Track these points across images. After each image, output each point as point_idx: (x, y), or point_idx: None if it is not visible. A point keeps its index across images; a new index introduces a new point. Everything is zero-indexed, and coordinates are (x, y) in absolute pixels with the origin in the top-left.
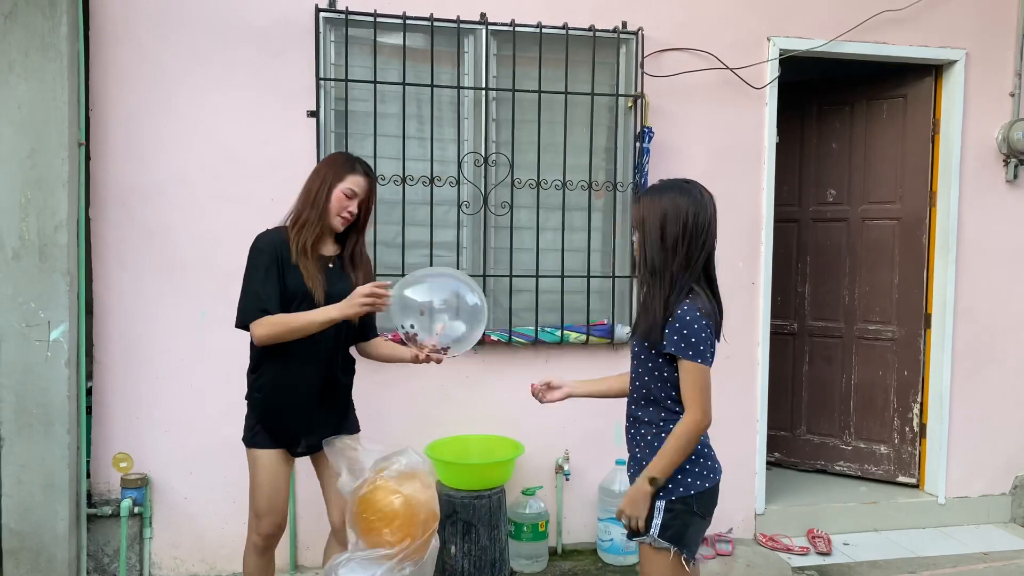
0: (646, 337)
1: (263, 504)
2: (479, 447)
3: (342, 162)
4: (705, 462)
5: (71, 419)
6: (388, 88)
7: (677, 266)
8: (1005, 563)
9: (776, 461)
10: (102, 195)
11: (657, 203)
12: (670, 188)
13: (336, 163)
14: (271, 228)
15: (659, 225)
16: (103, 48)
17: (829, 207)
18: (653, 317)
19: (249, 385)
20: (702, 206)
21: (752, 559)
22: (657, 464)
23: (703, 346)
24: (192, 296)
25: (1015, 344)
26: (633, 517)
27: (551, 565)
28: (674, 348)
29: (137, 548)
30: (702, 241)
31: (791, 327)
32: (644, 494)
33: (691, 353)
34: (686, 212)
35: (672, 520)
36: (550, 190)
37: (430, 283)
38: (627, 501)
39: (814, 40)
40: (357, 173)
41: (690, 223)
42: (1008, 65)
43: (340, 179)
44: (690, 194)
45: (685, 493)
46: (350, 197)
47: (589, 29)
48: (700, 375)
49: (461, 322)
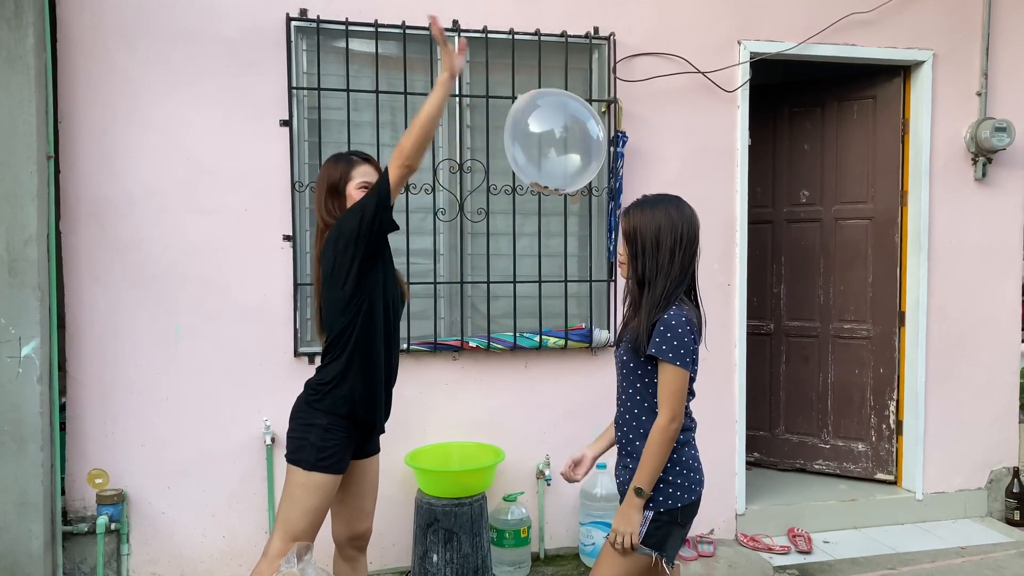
0: (635, 346)
1: (309, 529)
2: (460, 454)
3: (342, 160)
4: (692, 475)
5: (44, 436)
6: (361, 96)
7: (671, 277)
8: (983, 557)
9: (756, 461)
10: (73, 208)
11: (651, 216)
12: (663, 201)
13: (338, 164)
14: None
15: (654, 237)
16: (71, 60)
17: (802, 208)
18: (641, 326)
19: (325, 392)
20: (693, 219)
21: (734, 559)
22: (641, 475)
23: (684, 350)
24: (166, 309)
25: (987, 340)
26: (625, 533)
27: (534, 571)
28: (655, 349)
29: (115, 565)
30: (692, 252)
31: (767, 327)
32: (635, 507)
33: (671, 355)
34: (680, 225)
35: (656, 530)
36: (525, 196)
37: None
38: (619, 519)
39: (784, 43)
40: (359, 164)
41: (684, 235)
42: (974, 65)
43: (349, 178)
44: (681, 208)
45: (672, 506)
46: (366, 188)
47: (561, 35)
48: (676, 378)
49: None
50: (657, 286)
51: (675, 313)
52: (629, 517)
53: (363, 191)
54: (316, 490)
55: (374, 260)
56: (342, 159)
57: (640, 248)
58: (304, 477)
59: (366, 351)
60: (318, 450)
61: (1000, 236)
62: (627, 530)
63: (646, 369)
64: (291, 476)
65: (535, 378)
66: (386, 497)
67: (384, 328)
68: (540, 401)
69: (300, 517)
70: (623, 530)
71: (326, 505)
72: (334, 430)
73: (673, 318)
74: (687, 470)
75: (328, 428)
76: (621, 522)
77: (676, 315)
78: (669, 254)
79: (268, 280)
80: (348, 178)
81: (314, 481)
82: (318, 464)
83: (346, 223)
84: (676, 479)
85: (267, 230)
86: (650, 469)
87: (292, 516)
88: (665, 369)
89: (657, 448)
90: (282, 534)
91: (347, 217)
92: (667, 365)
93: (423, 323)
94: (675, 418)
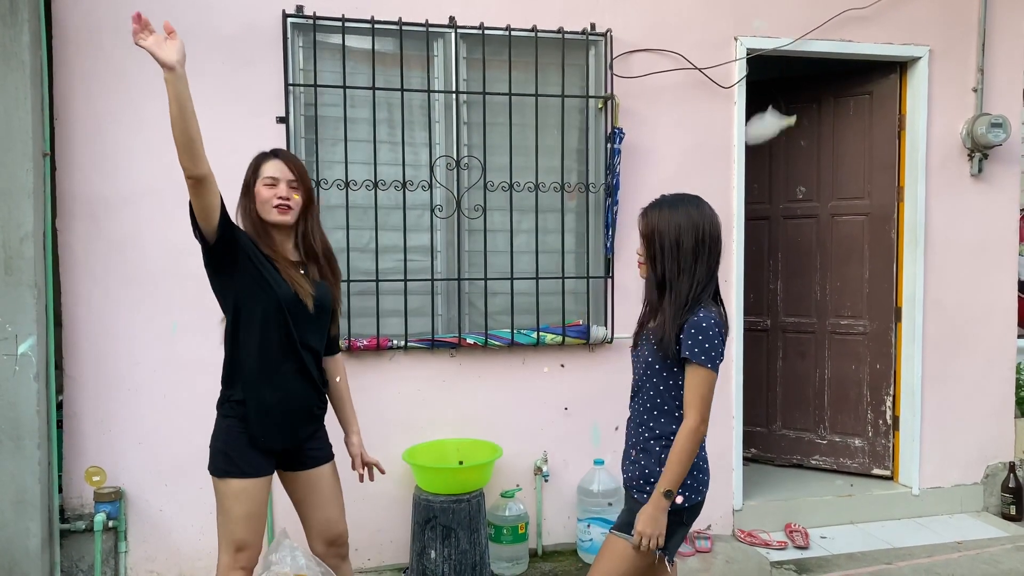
0: (662, 348)
1: (249, 536)
2: (457, 451)
3: (259, 156)
4: (701, 476)
5: (41, 434)
6: (358, 93)
7: (696, 278)
8: (979, 551)
9: (753, 457)
10: (69, 206)
11: (670, 216)
12: (683, 202)
13: (254, 160)
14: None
15: (674, 238)
16: (67, 57)
17: (799, 204)
18: (667, 328)
19: (222, 400)
20: (715, 220)
21: (731, 555)
22: (667, 477)
23: (715, 352)
24: (163, 307)
25: (983, 335)
26: (653, 536)
27: (531, 567)
28: (688, 352)
29: (112, 563)
30: (717, 253)
31: (764, 324)
32: (662, 509)
33: (703, 358)
34: (702, 225)
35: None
36: (523, 192)
37: None
38: (646, 520)
39: (780, 39)
40: (268, 159)
41: (707, 236)
42: (970, 61)
43: (256, 175)
44: (702, 208)
45: (681, 506)
46: (273, 185)
47: (558, 31)
48: (705, 380)
49: None
50: (682, 288)
51: (705, 315)
52: (656, 520)
53: (269, 188)
54: (236, 497)
55: (229, 270)
56: (260, 154)
57: (659, 248)
58: (221, 485)
59: (247, 360)
60: (224, 456)
61: (996, 231)
62: (655, 532)
63: (672, 371)
64: (214, 487)
65: (532, 374)
66: (384, 494)
67: (277, 335)
68: (537, 397)
69: (235, 527)
70: (650, 532)
71: (257, 509)
72: (234, 433)
73: (704, 320)
74: (696, 471)
75: (229, 431)
76: (648, 524)
77: (706, 317)
78: (692, 255)
79: None
80: (257, 174)
81: (231, 489)
82: (229, 471)
83: None
84: (687, 479)
85: None
86: (677, 472)
87: (227, 528)
88: (695, 371)
89: (686, 451)
90: (224, 546)
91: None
92: (698, 368)
93: (421, 320)
94: (704, 420)
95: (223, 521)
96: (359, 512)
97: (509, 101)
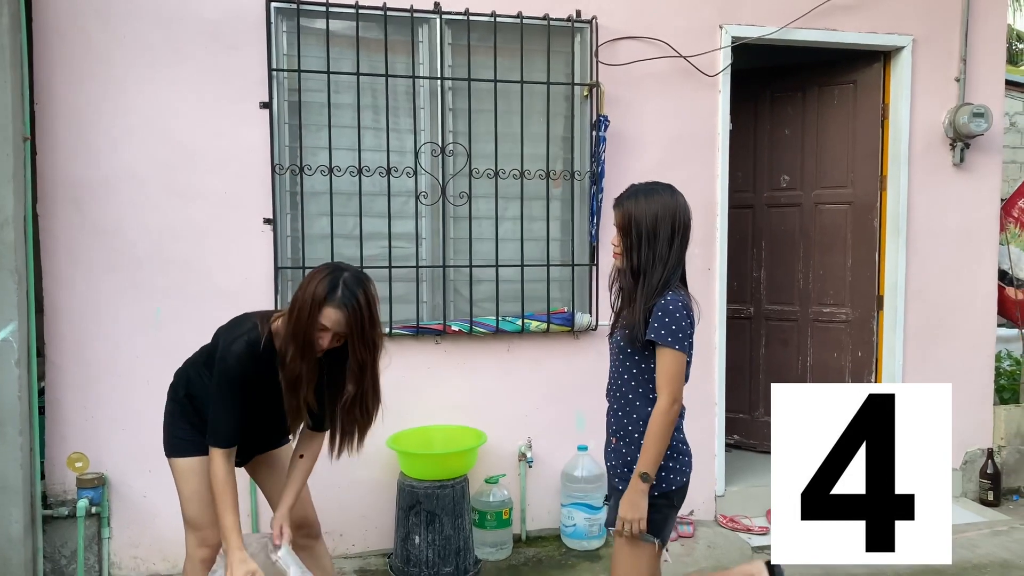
0: (632, 333)
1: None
2: (442, 437)
3: (324, 283)
4: (683, 457)
5: (23, 419)
6: (342, 78)
7: (668, 264)
8: (956, 536)
9: (735, 443)
10: (50, 191)
11: (646, 205)
12: (657, 191)
13: (319, 282)
14: (250, 318)
15: (651, 227)
16: (47, 41)
17: (783, 193)
18: (636, 314)
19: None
20: (687, 207)
21: (713, 540)
22: (643, 459)
23: (682, 334)
24: (146, 293)
25: (963, 323)
26: (634, 520)
27: (515, 552)
28: (653, 334)
29: (95, 549)
30: (686, 240)
31: (747, 311)
32: (641, 493)
33: (670, 340)
34: (676, 213)
35: (654, 515)
36: (508, 179)
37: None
38: (626, 506)
39: (766, 27)
40: (331, 304)
41: (679, 223)
42: (954, 51)
43: (319, 310)
44: (676, 196)
45: (667, 489)
46: (321, 331)
47: (543, 18)
48: (674, 361)
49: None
50: (654, 275)
51: (672, 298)
52: (636, 504)
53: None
54: (184, 475)
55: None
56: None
57: (636, 238)
58: (172, 465)
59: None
60: (171, 436)
61: (977, 221)
62: (636, 516)
63: (643, 355)
64: (170, 469)
65: (517, 362)
66: (368, 480)
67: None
68: (522, 385)
69: (187, 505)
70: (632, 517)
71: (207, 486)
72: (178, 414)
73: (671, 303)
74: (678, 453)
75: (173, 413)
76: (629, 509)
77: (673, 300)
78: (667, 243)
79: (249, 264)
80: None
81: (178, 467)
82: (173, 450)
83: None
84: (668, 462)
85: (247, 213)
86: (654, 453)
87: (186, 509)
88: (664, 353)
89: (660, 432)
90: (188, 528)
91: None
92: (665, 349)
93: (405, 307)
94: (675, 401)
95: (181, 502)
96: (343, 498)
97: (494, 88)
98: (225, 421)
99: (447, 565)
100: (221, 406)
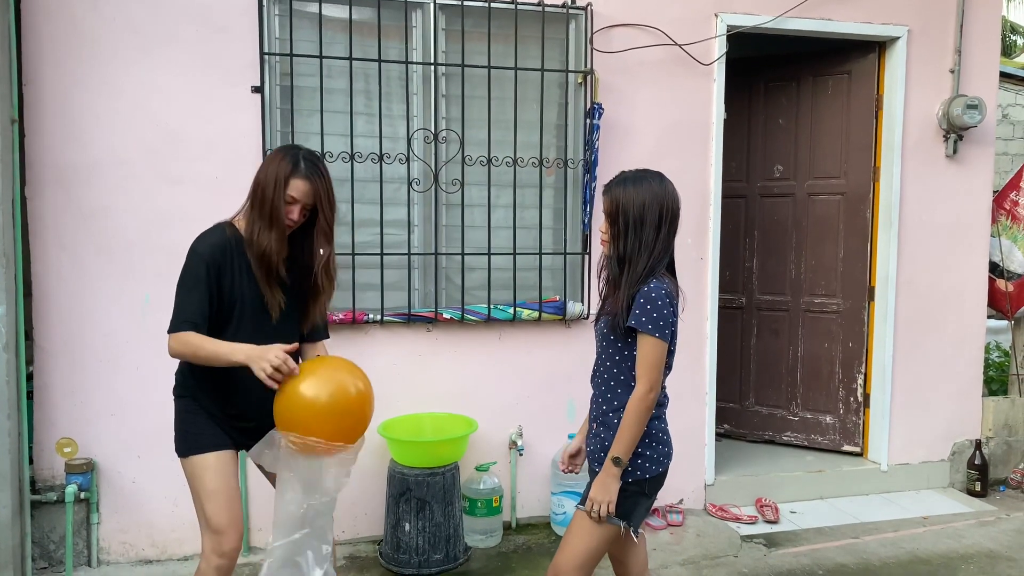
0: (614, 320)
1: (221, 512)
2: (433, 425)
3: (286, 161)
4: (660, 447)
5: (11, 404)
6: (335, 63)
7: (655, 252)
8: (944, 526)
9: (725, 432)
10: (38, 174)
11: (634, 193)
12: (645, 178)
13: (280, 161)
14: (219, 223)
15: (639, 214)
16: (35, 23)
17: (776, 183)
18: (620, 301)
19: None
20: (675, 195)
21: (702, 529)
22: (618, 445)
23: (663, 322)
24: (136, 277)
25: (953, 315)
26: (603, 502)
27: (505, 539)
28: (635, 321)
29: (84, 534)
30: (674, 228)
31: (739, 301)
32: (612, 476)
33: (650, 327)
34: (664, 201)
35: (624, 500)
36: (501, 167)
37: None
38: (597, 488)
39: (761, 16)
40: (298, 176)
41: (668, 212)
42: (948, 42)
43: (284, 188)
44: (664, 184)
45: (641, 476)
46: (289, 203)
47: (538, 4)
48: (654, 349)
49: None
50: (639, 262)
51: (655, 285)
52: (607, 486)
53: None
54: (200, 473)
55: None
56: (292, 160)
57: (623, 225)
58: (187, 465)
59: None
60: (184, 435)
61: (969, 213)
62: (605, 499)
63: (625, 342)
64: (183, 471)
65: (508, 350)
66: (359, 467)
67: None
68: (513, 373)
69: (206, 505)
70: (601, 499)
71: (226, 484)
72: (190, 410)
73: (653, 290)
74: (656, 442)
75: (185, 410)
76: (599, 491)
77: (656, 287)
78: (654, 231)
79: None
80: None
81: (194, 465)
82: (188, 448)
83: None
84: (645, 451)
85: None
86: (628, 439)
87: (201, 507)
88: (644, 340)
89: (634, 418)
90: (204, 527)
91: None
92: (645, 336)
93: (397, 294)
94: (652, 388)
95: (197, 503)
96: None
97: (488, 74)
98: (189, 301)
99: (437, 552)
100: (184, 289)
